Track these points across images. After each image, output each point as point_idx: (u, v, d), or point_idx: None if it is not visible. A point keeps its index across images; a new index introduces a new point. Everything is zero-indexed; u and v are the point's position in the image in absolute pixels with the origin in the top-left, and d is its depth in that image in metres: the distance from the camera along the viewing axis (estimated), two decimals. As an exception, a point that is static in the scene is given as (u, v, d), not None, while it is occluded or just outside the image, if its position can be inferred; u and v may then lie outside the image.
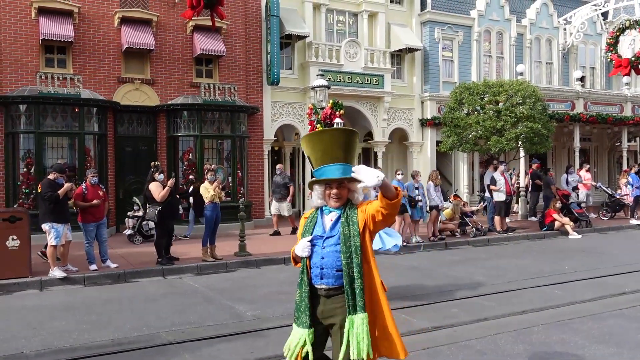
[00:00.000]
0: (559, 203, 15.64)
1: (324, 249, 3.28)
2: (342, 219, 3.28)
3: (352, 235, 3.22)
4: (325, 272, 3.28)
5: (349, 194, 3.33)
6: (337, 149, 3.27)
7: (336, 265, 3.24)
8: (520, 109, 15.62)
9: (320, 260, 3.29)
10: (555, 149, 23.85)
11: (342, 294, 3.24)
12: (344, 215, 3.29)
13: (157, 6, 16.08)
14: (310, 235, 3.34)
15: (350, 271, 3.18)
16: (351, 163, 3.31)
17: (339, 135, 3.34)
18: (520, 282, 9.01)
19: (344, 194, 3.31)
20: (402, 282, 9.08)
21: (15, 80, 14.29)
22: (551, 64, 23.42)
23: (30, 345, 5.95)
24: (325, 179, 3.28)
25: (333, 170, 3.26)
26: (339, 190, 3.29)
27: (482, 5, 21.49)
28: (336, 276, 3.24)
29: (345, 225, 3.25)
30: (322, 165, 3.30)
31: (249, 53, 17.54)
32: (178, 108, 15.80)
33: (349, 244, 3.20)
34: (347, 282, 3.18)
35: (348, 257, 3.19)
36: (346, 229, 3.24)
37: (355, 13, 19.91)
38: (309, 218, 3.45)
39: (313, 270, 3.32)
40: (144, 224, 13.26)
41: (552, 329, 6.28)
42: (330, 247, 3.27)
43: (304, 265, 3.36)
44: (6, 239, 9.07)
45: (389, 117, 20.05)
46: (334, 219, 3.33)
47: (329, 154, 3.28)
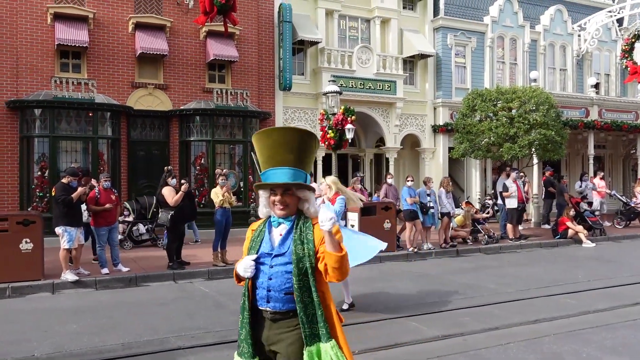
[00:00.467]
0: (572, 211, 15.49)
1: (271, 268, 2.86)
2: (295, 236, 2.87)
3: (306, 255, 2.81)
4: (272, 294, 2.86)
5: (299, 203, 2.92)
6: (287, 151, 2.87)
7: (285, 287, 2.83)
8: (533, 116, 15.52)
9: (267, 280, 2.87)
10: (569, 157, 23.64)
11: (290, 319, 2.85)
12: (297, 231, 2.88)
13: (171, 12, 16.21)
14: (255, 254, 2.91)
15: (305, 296, 2.78)
16: (305, 169, 2.93)
17: (291, 135, 2.93)
18: (532, 290, 8.92)
19: (291, 202, 2.89)
20: (412, 289, 9.04)
21: (31, 85, 14.47)
22: (565, 70, 23.26)
23: (42, 348, 5.99)
24: (270, 183, 2.88)
25: (279, 174, 2.87)
26: (284, 197, 2.87)
27: (496, 12, 21.41)
28: (285, 300, 2.84)
29: (298, 243, 2.84)
30: (268, 169, 2.91)
31: (261, 58, 17.62)
32: (191, 113, 15.89)
33: (302, 264, 2.80)
34: (302, 309, 2.78)
35: (301, 280, 2.79)
36: (299, 247, 2.83)
37: (367, 19, 19.93)
38: (257, 231, 3.03)
39: (258, 291, 2.89)
40: (134, 229, 13.35)
41: (564, 339, 6.20)
42: (280, 267, 2.84)
43: (247, 287, 2.92)
44: (20, 242, 9.15)
45: (401, 123, 20.01)
46: (283, 233, 2.92)
47: (276, 156, 2.88)
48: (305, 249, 2.82)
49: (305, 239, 2.85)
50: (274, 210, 2.92)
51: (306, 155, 2.94)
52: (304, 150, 2.91)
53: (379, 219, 12.48)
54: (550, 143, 15.72)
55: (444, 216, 13.42)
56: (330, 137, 12.97)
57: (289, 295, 2.82)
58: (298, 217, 2.93)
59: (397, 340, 6.18)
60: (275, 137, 2.92)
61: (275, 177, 2.87)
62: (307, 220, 2.92)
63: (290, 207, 2.90)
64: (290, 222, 2.92)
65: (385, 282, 9.73)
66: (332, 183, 7.86)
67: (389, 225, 12.57)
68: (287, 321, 2.86)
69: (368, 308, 7.76)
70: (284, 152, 2.86)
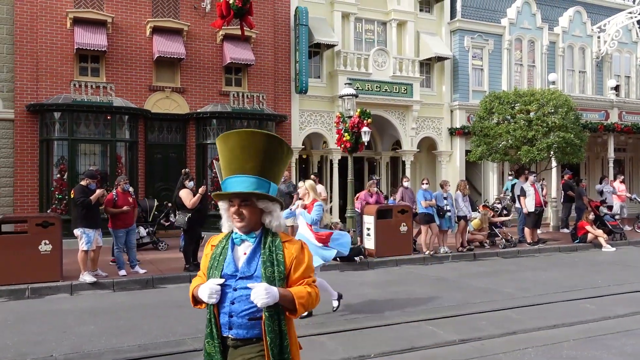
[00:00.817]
0: (591, 215, 15.28)
1: (235, 291, 2.55)
2: (263, 256, 2.57)
3: (277, 278, 2.52)
4: (234, 320, 2.56)
5: (262, 216, 2.62)
6: (249, 157, 2.56)
7: (250, 312, 2.53)
8: (552, 119, 15.36)
9: (229, 305, 2.56)
10: (588, 160, 23.35)
11: (253, 345, 2.57)
12: (265, 250, 2.58)
13: (188, 16, 16.34)
14: (219, 275, 2.59)
15: (275, 325, 2.51)
16: (270, 178, 2.62)
17: (254, 139, 2.58)
18: (551, 295, 8.80)
19: (250, 214, 2.58)
20: (429, 293, 8.97)
21: (51, 89, 14.66)
22: (584, 72, 22.98)
23: (60, 348, 6.05)
24: (227, 192, 2.57)
25: (237, 182, 2.56)
26: (241, 208, 2.57)
27: (513, 14, 21.24)
28: (248, 326, 2.55)
29: (267, 265, 2.54)
30: (228, 176, 2.61)
31: (277, 62, 17.67)
32: (207, 116, 15.99)
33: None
34: (273, 339, 2.51)
35: (273, 307, 2.49)
36: (269, 269, 2.53)
37: (384, 22, 19.90)
38: (217, 247, 2.69)
39: (220, 317, 2.59)
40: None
41: (584, 344, 6.11)
42: (244, 290, 2.52)
43: (211, 312, 2.60)
44: (39, 243, 9.26)
45: (417, 126, 19.92)
46: (248, 252, 2.62)
47: (236, 162, 2.58)
48: (276, 272, 2.53)
49: (276, 260, 2.55)
50: (233, 223, 2.63)
51: (273, 163, 2.64)
52: (270, 157, 2.61)
53: (395, 222, 12.43)
54: (570, 146, 15.54)
55: (460, 219, 13.32)
56: (346, 140, 12.93)
57: (254, 321, 2.54)
58: (264, 233, 2.63)
59: (414, 344, 6.14)
60: (237, 140, 2.60)
61: (233, 185, 2.57)
62: (275, 237, 2.62)
63: (248, 220, 2.59)
64: (254, 238, 2.63)
65: (401, 286, 9.68)
66: (310, 188, 7.65)
67: (405, 228, 12.51)
68: (250, 347, 2.59)
69: (384, 311, 7.71)
70: (245, 158, 2.56)
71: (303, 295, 2.55)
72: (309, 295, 2.57)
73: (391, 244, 12.29)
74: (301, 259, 2.62)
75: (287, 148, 2.70)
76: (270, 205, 2.61)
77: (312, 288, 2.60)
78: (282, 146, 2.67)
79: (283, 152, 2.68)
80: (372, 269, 11.58)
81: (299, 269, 2.60)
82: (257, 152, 2.57)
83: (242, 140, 2.59)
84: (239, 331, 2.57)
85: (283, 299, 2.49)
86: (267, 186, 2.59)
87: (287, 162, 2.77)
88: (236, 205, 2.58)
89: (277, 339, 2.53)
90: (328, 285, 7.62)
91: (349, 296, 8.74)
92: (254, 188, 2.55)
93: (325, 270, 11.12)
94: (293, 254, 2.60)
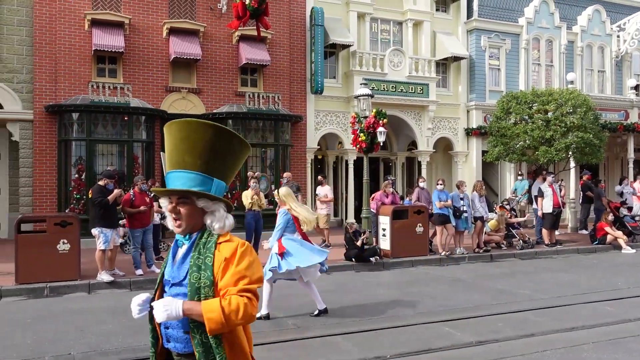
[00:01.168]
0: (611, 216, 15.07)
1: None
2: (192, 259, 2.28)
3: (202, 285, 2.23)
4: (170, 333, 2.33)
5: (204, 216, 2.34)
6: (187, 151, 2.30)
7: (184, 325, 2.28)
8: (570, 119, 15.19)
9: None
10: (607, 160, 23.05)
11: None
12: (194, 253, 2.29)
13: (204, 17, 16.42)
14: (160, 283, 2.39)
15: (204, 337, 2.23)
16: (216, 175, 2.35)
17: (195, 131, 2.30)
18: (570, 297, 8.69)
19: (188, 214, 2.32)
20: (445, 294, 8.91)
21: (69, 90, 14.82)
22: (603, 72, 22.68)
23: (78, 346, 6.10)
24: (162, 189, 2.36)
25: (175, 178, 2.32)
26: (178, 207, 2.31)
27: (531, 13, 21.03)
28: (185, 339, 2.30)
29: (194, 270, 2.25)
30: (169, 170, 2.38)
31: (293, 62, 17.68)
32: (223, 116, 16.04)
33: (198, 297, 2.23)
34: (201, 353, 2.24)
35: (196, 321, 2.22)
36: (194, 275, 2.25)
37: (399, 22, 19.82)
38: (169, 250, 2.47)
39: (161, 329, 2.37)
40: None
41: (604, 348, 6.01)
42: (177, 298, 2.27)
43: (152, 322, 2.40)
44: (57, 242, 9.35)
45: (433, 126, 19.81)
46: (179, 256, 2.37)
47: (177, 156, 2.33)
48: (202, 278, 2.23)
49: (204, 263, 2.25)
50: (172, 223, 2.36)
51: (220, 158, 2.36)
52: (216, 151, 2.33)
53: (411, 223, 12.37)
54: (588, 146, 15.35)
55: (477, 220, 13.21)
56: (362, 140, 12.90)
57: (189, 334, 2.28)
58: (201, 234, 2.34)
59: (430, 345, 6.09)
60: (177, 131, 2.33)
61: (171, 181, 2.34)
62: (210, 238, 2.32)
63: (186, 221, 2.32)
64: (190, 241, 2.35)
65: (417, 287, 9.62)
66: (283, 196, 7.47)
67: (421, 229, 12.44)
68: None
69: (400, 312, 7.67)
70: (185, 151, 2.31)
71: (214, 309, 2.16)
72: (223, 310, 2.15)
73: (407, 244, 12.23)
74: (230, 263, 2.24)
75: (239, 142, 2.41)
76: (212, 205, 2.33)
77: (238, 300, 2.18)
78: (233, 140, 2.38)
79: (233, 146, 2.39)
80: (388, 269, 11.53)
81: (224, 274, 2.23)
82: (199, 145, 2.30)
83: (182, 131, 2.31)
84: (177, 344, 2.34)
85: (189, 314, 2.18)
86: (209, 183, 2.32)
87: (240, 158, 2.48)
88: (173, 203, 2.32)
89: (208, 353, 2.24)
90: (317, 293, 7.51)
91: (364, 297, 8.72)
92: (191, 185, 2.29)
93: (340, 270, 11.13)
94: (223, 256, 2.26)
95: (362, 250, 11.54)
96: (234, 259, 2.24)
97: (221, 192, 2.38)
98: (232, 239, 2.33)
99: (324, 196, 13.99)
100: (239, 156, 2.45)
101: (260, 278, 2.28)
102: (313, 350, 5.99)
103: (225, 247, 2.28)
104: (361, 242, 11.54)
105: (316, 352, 5.91)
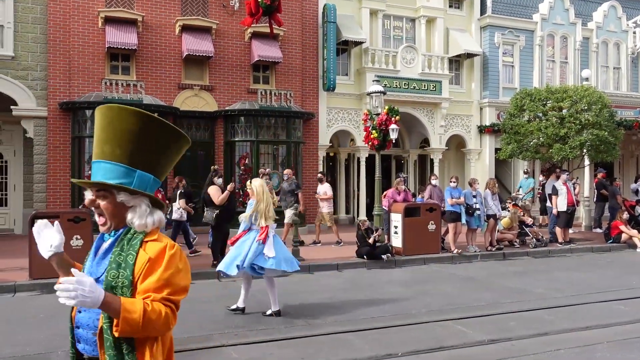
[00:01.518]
0: (626, 214, 14.90)
1: None
2: (113, 255, 2.07)
3: (119, 284, 2.01)
4: (80, 333, 2.12)
5: (127, 212, 2.12)
6: (108, 139, 2.10)
7: (96, 325, 2.07)
8: (585, 116, 15.01)
9: (77, 314, 2.14)
10: (622, 158, 22.79)
11: None
12: (116, 249, 2.09)
13: (217, 14, 16.44)
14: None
15: (119, 342, 2.00)
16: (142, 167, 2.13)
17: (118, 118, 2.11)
18: (584, 296, 8.60)
19: (111, 209, 2.11)
20: (457, 292, 8.86)
21: (83, 87, 14.93)
22: (619, 69, 22.41)
23: (90, 342, 6.13)
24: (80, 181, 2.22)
25: (96, 169, 2.13)
26: (98, 200, 2.12)
27: (546, 9, 20.82)
28: (95, 342, 2.08)
29: (112, 267, 2.04)
30: (93, 161, 2.17)
31: (305, 59, 17.66)
32: (235, 114, 16.07)
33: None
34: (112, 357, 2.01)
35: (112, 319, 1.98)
36: (112, 272, 2.03)
37: (412, 18, 19.72)
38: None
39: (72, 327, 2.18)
40: None
41: (618, 347, 5.94)
42: None
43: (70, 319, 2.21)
44: (71, 238, 9.41)
45: (446, 123, 19.70)
46: (100, 252, 2.18)
47: (98, 144, 2.13)
48: (120, 277, 2.01)
49: (124, 261, 2.04)
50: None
51: (149, 150, 2.14)
52: (142, 141, 2.11)
53: (423, 221, 12.31)
54: (603, 144, 15.16)
55: (489, 218, 13.12)
56: (374, 138, 12.84)
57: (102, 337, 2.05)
58: (127, 230, 2.14)
59: (442, 343, 6.06)
60: (100, 118, 2.13)
61: (94, 172, 2.14)
62: (137, 235, 2.11)
63: (108, 216, 2.12)
64: (114, 236, 2.15)
65: (429, 285, 9.57)
66: (255, 187, 7.32)
67: (433, 227, 12.38)
68: None
69: (411, 310, 7.64)
70: (107, 140, 2.10)
71: (135, 310, 1.93)
72: (145, 314, 1.93)
73: (419, 242, 12.18)
74: (155, 265, 2.04)
75: (171, 132, 2.18)
76: (132, 200, 2.11)
77: (161, 308, 1.98)
78: (165, 129, 2.16)
79: (165, 136, 2.16)
80: (400, 267, 11.49)
81: (147, 276, 2.02)
82: (120, 133, 2.09)
83: (104, 118, 2.11)
84: (86, 347, 2.12)
85: (107, 307, 1.92)
86: (131, 176, 2.10)
87: (175, 150, 2.25)
88: (93, 197, 2.12)
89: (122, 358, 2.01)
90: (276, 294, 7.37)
91: (376, 294, 8.69)
92: (109, 177, 2.08)
93: (352, 267, 11.11)
94: (148, 256, 2.05)
95: (374, 247, 11.50)
96: (161, 262, 2.04)
97: (147, 185, 2.16)
98: (160, 239, 2.12)
99: (323, 194, 14.01)
100: (172, 148, 2.22)
101: (185, 288, 2.09)
102: (323, 347, 5.98)
103: (152, 246, 2.08)
104: (373, 240, 11.50)
105: (327, 349, 5.90)
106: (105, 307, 1.91)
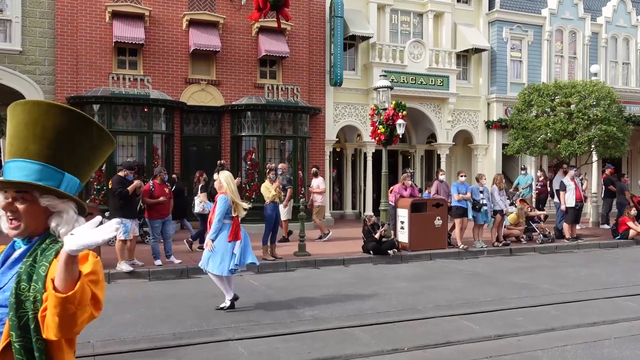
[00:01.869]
0: (633, 210, 14.81)
1: None
2: (23, 265, 1.81)
3: (30, 298, 1.74)
4: None
5: (49, 217, 1.89)
6: (33, 138, 1.87)
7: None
8: (593, 111, 14.93)
9: None
10: (631, 154, 22.65)
11: None
12: (27, 260, 1.82)
13: (224, 9, 16.43)
14: None
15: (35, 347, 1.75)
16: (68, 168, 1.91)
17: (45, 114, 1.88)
18: (591, 292, 8.56)
19: (29, 214, 1.86)
20: (463, 288, 8.84)
21: (90, 81, 14.97)
22: (628, 64, 22.23)
23: (97, 334, 6.16)
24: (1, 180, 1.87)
25: (15, 168, 1.87)
26: (15, 203, 1.85)
27: (554, 4, 20.67)
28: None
29: (23, 279, 1.77)
30: (7, 159, 1.93)
31: (312, 54, 17.63)
32: (242, 108, 16.07)
33: (24, 312, 1.74)
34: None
35: (23, 337, 1.74)
36: (23, 284, 1.76)
37: (420, 13, 19.63)
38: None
39: None
40: None
41: (626, 343, 5.91)
42: None
43: None
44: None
45: (453, 119, 19.63)
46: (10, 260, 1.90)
47: (18, 142, 1.89)
48: (32, 290, 1.75)
49: (37, 273, 1.77)
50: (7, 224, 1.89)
51: (78, 152, 1.94)
52: (69, 140, 1.91)
53: (430, 216, 12.29)
54: (612, 140, 15.08)
55: (496, 214, 13.07)
56: (381, 133, 12.81)
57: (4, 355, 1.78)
58: (42, 239, 1.88)
59: (449, 338, 6.05)
60: (21, 114, 1.90)
61: (10, 171, 1.88)
62: (52, 245, 1.85)
63: (25, 222, 1.86)
64: (28, 245, 1.88)
65: (436, 280, 9.56)
66: (224, 180, 7.21)
67: (440, 222, 12.35)
68: None
69: (418, 305, 7.63)
70: (33, 138, 1.88)
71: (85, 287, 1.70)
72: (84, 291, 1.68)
73: (425, 237, 12.16)
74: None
75: (99, 130, 1.99)
76: (59, 204, 1.89)
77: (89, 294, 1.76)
78: (92, 127, 1.96)
79: (92, 134, 1.96)
80: (406, 262, 11.48)
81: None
82: (49, 131, 1.88)
83: (29, 114, 1.89)
84: None
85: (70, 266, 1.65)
86: (58, 177, 1.89)
87: (102, 149, 2.05)
88: (9, 199, 1.85)
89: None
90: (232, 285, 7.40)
91: (382, 289, 8.69)
92: (35, 178, 1.84)
93: (358, 263, 11.11)
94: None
95: (380, 242, 11.50)
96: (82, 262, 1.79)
97: (73, 189, 1.96)
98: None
99: (316, 187, 14.04)
100: (100, 146, 2.03)
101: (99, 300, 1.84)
102: (330, 341, 5.98)
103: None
104: (379, 235, 11.50)
105: (333, 344, 5.90)
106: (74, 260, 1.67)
